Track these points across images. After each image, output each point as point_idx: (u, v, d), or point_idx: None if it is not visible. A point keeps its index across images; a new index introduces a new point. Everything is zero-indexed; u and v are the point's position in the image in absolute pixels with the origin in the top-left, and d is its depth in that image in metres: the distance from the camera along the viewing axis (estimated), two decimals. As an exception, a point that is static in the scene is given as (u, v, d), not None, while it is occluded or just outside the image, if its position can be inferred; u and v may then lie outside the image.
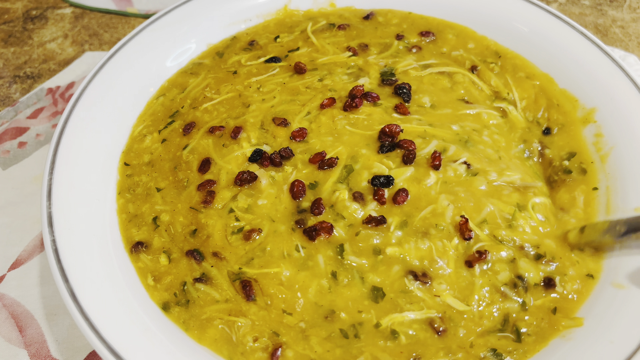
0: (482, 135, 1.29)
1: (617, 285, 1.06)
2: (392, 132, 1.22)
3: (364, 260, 1.07)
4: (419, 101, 1.35)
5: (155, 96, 1.44)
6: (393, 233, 1.09)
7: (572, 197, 1.23)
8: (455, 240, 1.09)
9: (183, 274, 1.11)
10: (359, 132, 1.26)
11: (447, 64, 1.46)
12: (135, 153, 1.32)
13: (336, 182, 1.17)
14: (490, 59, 1.50)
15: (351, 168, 1.19)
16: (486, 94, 1.41)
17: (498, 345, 1.01)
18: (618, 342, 0.97)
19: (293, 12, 1.65)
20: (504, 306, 1.05)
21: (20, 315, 1.21)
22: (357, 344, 1.00)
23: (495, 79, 1.44)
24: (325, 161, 1.20)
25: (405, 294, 1.04)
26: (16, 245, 1.33)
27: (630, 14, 1.94)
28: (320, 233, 1.09)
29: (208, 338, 1.02)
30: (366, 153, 1.21)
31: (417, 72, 1.42)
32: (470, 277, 1.06)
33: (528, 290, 1.06)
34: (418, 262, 1.07)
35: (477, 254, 1.07)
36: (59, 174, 1.17)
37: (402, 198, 1.13)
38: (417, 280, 1.05)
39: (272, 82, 1.40)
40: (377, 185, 1.15)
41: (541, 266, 1.09)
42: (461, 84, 1.41)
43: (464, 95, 1.39)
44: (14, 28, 1.94)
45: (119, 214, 1.21)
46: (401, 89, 1.35)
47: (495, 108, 1.37)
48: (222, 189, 1.18)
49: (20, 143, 1.55)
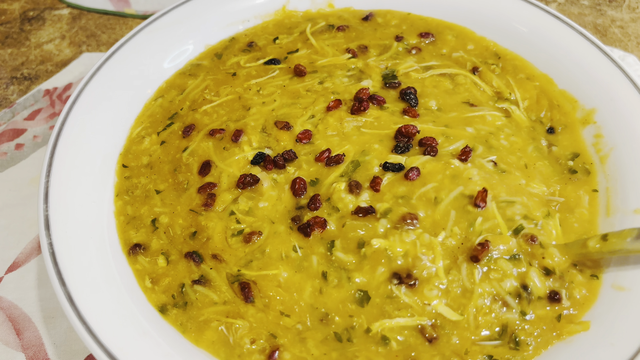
0: (499, 138, 1.28)
1: (618, 287, 1.06)
2: (409, 132, 1.22)
3: (350, 257, 1.07)
4: (426, 105, 1.34)
5: (153, 97, 1.44)
6: (379, 222, 1.08)
7: (578, 196, 1.22)
8: (442, 234, 1.07)
9: (181, 275, 1.10)
10: (370, 132, 1.25)
11: (448, 66, 1.46)
12: (134, 155, 1.31)
13: (339, 176, 1.17)
14: (490, 60, 1.49)
15: (357, 163, 1.19)
16: (488, 95, 1.41)
17: (495, 352, 0.99)
18: (619, 344, 0.96)
19: (292, 13, 1.64)
20: (504, 316, 1.02)
21: (18, 318, 1.21)
22: (351, 348, 0.99)
23: (497, 79, 1.43)
24: (332, 158, 1.19)
25: (391, 300, 1.02)
26: (13, 248, 1.33)
27: (629, 14, 1.94)
28: (314, 228, 1.09)
29: (205, 340, 1.02)
30: (379, 148, 1.21)
31: (418, 74, 1.42)
32: (467, 283, 1.03)
33: (531, 302, 1.03)
34: (402, 261, 1.04)
35: (480, 246, 1.03)
36: (56, 176, 1.16)
37: (413, 175, 1.13)
38: (402, 283, 1.02)
39: (272, 85, 1.40)
40: (388, 170, 1.16)
41: (549, 281, 1.06)
42: (463, 85, 1.41)
43: (467, 98, 1.38)
44: (11, 29, 1.94)
45: (116, 216, 1.20)
46: (407, 94, 1.34)
47: (499, 109, 1.37)
48: (223, 192, 1.18)
49: (17, 145, 1.54)
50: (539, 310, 1.03)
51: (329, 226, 1.11)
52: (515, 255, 1.06)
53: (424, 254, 1.04)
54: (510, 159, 1.24)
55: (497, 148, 1.26)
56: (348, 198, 1.13)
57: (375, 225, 1.08)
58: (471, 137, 1.26)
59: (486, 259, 1.04)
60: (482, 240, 1.05)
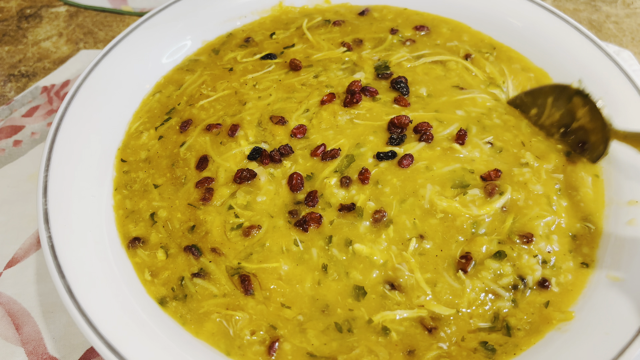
0: (492, 118, 1.30)
1: (612, 277, 1.07)
2: (402, 123, 1.22)
3: (342, 254, 1.08)
4: (416, 92, 1.35)
5: (151, 93, 1.44)
6: (361, 222, 1.10)
7: (580, 177, 1.22)
8: (413, 242, 1.07)
9: (181, 269, 1.11)
10: (363, 123, 1.26)
11: (440, 53, 1.46)
12: (132, 149, 1.31)
13: (333, 171, 1.18)
14: (485, 49, 1.50)
15: (352, 158, 1.20)
16: (480, 79, 1.41)
17: (489, 338, 1.01)
18: (613, 333, 0.97)
19: (288, 9, 1.65)
20: (496, 305, 1.04)
21: (17, 313, 1.21)
22: (351, 338, 1.00)
23: (490, 66, 1.44)
24: (328, 152, 1.20)
25: (386, 298, 1.04)
26: (12, 244, 1.33)
27: (624, 10, 1.95)
28: (310, 224, 1.10)
29: (205, 332, 1.02)
30: (373, 140, 1.22)
31: (410, 62, 1.42)
32: (456, 286, 1.04)
33: (525, 292, 1.05)
34: (384, 271, 1.05)
35: (463, 259, 1.05)
36: (54, 171, 1.16)
37: (407, 162, 1.15)
38: (394, 289, 1.04)
39: (268, 80, 1.40)
40: (382, 159, 1.17)
41: (545, 268, 1.08)
42: (454, 70, 1.41)
43: (458, 82, 1.39)
44: (8, 27, 1.94)
45: (115, 210, 1.20)
46: (398, 83, 1.35)
47: (489, 93, 1.38)
48: (221, 186, 1.18)
49: (15, 141, 1.54)
50: (530, 297, 1.05)
51: (323, 221, 1.12)
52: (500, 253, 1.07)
53: (400, 264, 1.06)
54: (506, 136, 1.26)
55: (491, 127, 1.28)
56: (341, 193, 1.14)
57: (357, 225, 1.10)
58: (462, 119, 1.27)
59: (472, 265, 1.06)
60: (462, 253, 1.06)
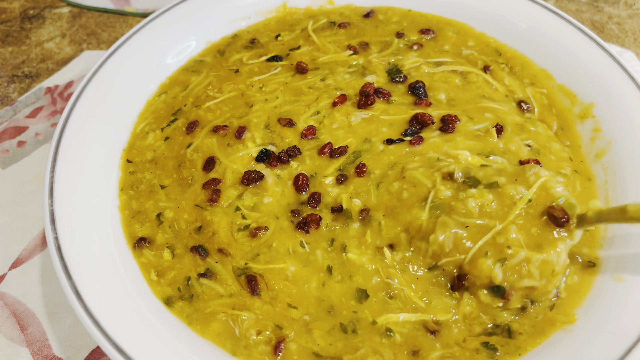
0: (537, 126, 1.28)
1: (617, 278, 1.07)
2: (424, 120, 1.22)
3: (341, 258, 1.09)
4: (435, 97, 1.35)
5: (156, 94, 1.44)
6: (351, 225, 1.10)
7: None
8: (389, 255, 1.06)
9: (187, 269, 1.11)
10: (380, 118, 1.27)
11: (461, 63, 1.45)
12: (138, 150, 1.32)
13: (337, 169, 1.19)
14: (500, 60, 1.49)
15: (359, 154, 1.20)
16: (501, 94, 1.40)
17: (490, 339, 1.01)
18: (619, 333, 0.97)
19: (293, 10, 1.65)
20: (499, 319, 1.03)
21: (22, 314, 1.21)
22: (355, 339, 1.01)
23: (509, 78, 1.44)
24: (336, 149, 1.21)
25: (387, 302, 1.04)
26: (17, 244, 1.33)
27: (626, 11, 1.96)
28: (311, 225, 1.11)
29: (211, 332, 1.02)
30: (387, 131, 1.23)
31: (429, 67, 1.42)
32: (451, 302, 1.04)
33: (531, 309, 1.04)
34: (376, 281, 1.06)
35: (457, 279, 1.02)
36: (60, 171, 1.16)
37: (417, 140, 1.16)
38: (392, 298, 1.04)
39: (275, 82, 1.40)
40: (390, 144, 1.18)
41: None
42: (475, 83, 1.40)
43: (482, 93, 1.38)
44: (12, 28, 1.94)
45: (121, 210, 1.21)
46: (416, 87, 1.34)
47: (515, 108, 1.36)
48: (228, 188, 1.19)
49: (19, 142, 1.54)
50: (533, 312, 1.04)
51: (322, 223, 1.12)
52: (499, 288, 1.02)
53: (390, 278, 1.05)
54: (553, 147, 1.23)
55: (527, 130, 1.26)
56: (334, 192, 1.15)
57: (348, 227, 1.11)
58: (494, 120, 1.26)
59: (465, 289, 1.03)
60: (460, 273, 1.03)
